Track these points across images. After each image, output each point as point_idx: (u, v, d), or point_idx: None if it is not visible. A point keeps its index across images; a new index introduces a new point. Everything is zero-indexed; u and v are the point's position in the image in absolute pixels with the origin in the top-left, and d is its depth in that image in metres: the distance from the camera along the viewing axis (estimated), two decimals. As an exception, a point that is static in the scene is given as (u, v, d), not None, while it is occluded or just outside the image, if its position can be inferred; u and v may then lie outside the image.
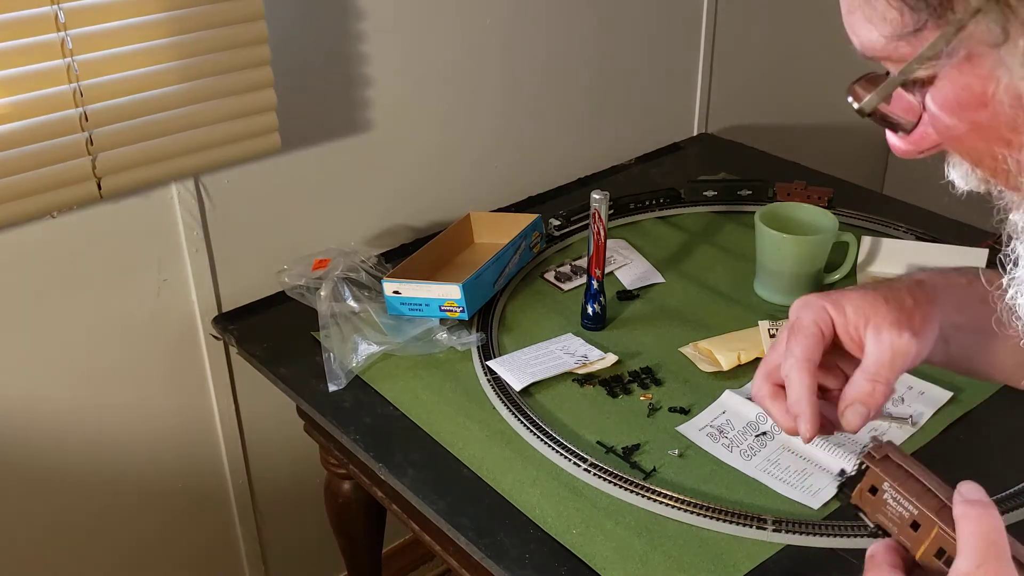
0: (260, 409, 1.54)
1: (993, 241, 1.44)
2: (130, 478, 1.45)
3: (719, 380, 1.21)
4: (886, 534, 0.62)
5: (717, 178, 1.69)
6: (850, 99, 0.56)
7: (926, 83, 0.52)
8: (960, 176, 0.57)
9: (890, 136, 0.57)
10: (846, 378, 0.72)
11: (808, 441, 0.70)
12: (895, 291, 0.71)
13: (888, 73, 0.54)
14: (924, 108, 0.53)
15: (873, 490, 0.62)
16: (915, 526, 0.60)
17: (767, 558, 0.95)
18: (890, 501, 0.61)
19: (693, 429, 1.13)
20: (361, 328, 1.27)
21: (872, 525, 0.63)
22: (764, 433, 1.11)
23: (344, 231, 1.54)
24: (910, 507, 0.60)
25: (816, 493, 1.03)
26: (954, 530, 0.57)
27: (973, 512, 0.55)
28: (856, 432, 0.70)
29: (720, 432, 1.12)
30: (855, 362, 0.71)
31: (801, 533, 0.97)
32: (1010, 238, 0.59)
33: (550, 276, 1.44)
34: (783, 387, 0.72)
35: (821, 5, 2.20)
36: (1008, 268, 0.60)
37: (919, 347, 0.69)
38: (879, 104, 0.54)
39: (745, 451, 1.09)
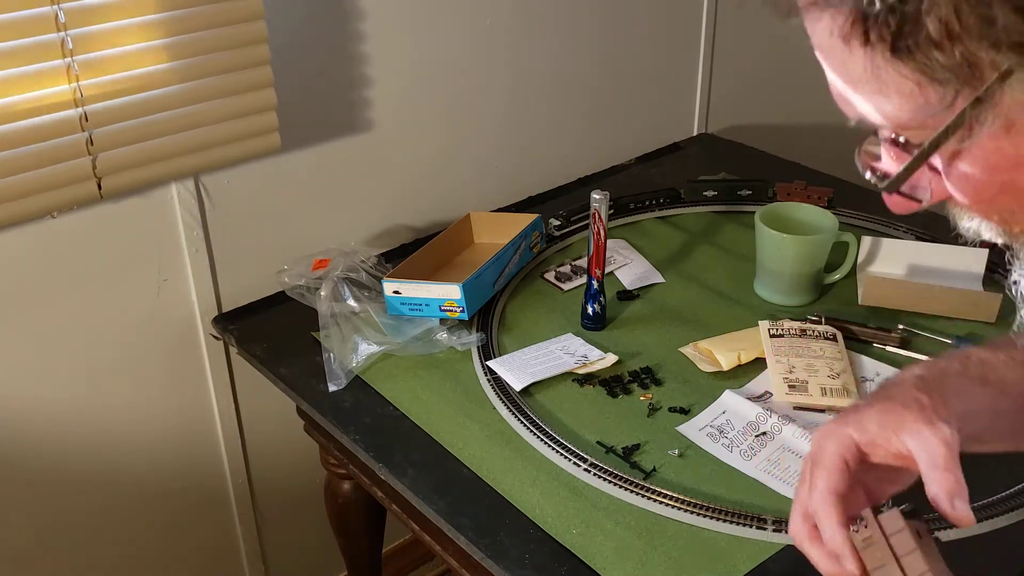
0: (260, 409, 1.54)
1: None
2: (130, 478, 1.45)
3: (719, 380, 1.21)
4: None
5: (717, 178, 1.69)
6: (868, 175, 0.51)
7: (954, 154, 0.46)
8: (973, 229, 0.54)
9: (888, 196, 0.52)
10: (867, 500, 0.69)
11: None
12: (906, 394, 0.69)
13: (877, 133, 0.49)
14: (944, 175, 0.48)
15: None
16: None
17: (767, 558, 0.95)
18: None
19: (693, 429, 1.13)
20: (361, 328, 1.27)
21: None
22: (764, 433, 1.11)
23: (344, 231, 1.54)
24: None
25: (816, 493, 1.03)
26: None
27: None
28: (974, 523, 0.65)
29: (720, 432, 1.12)
30: (887, 477, 0.69)
31: (801, 533, 0.97)
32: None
33: (550, 276, 1.44)
34: None
35: (821, 5, 2.21)
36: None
37: (957, 433, 0.67)
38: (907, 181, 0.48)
39: (745, 451, 1.09)
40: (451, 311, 1.28)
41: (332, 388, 1.21)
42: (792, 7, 0.46)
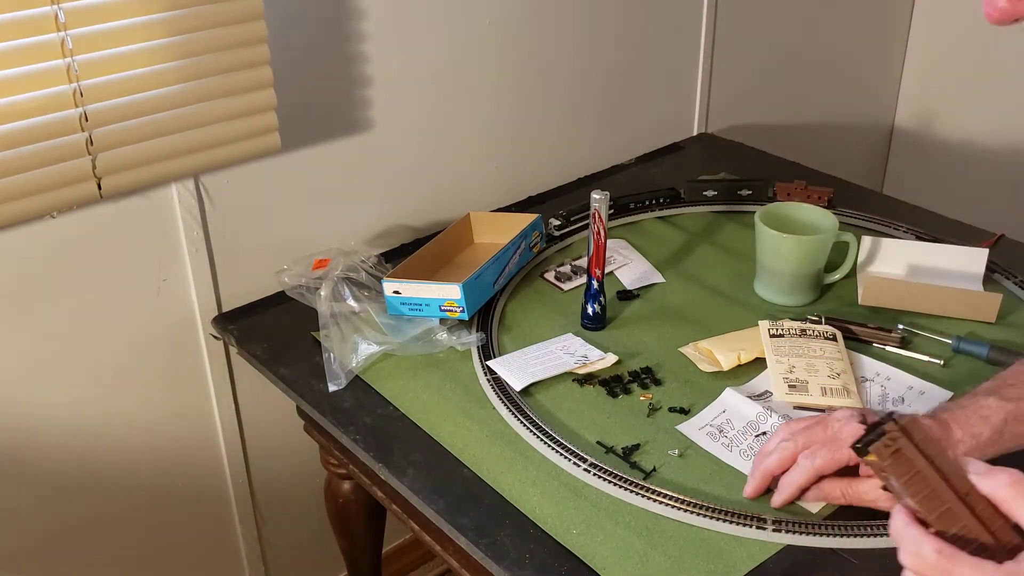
0: (260, 409, 1.54)
1: (993, 241, 1.44)
2: (129, 478, 1.45)
3: (719, 380, 1.21)
4: None
5: (717, 178, 1.69)
6: None
7: None
8: None
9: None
10: None
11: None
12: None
13: None
14: None
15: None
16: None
17: (767, 558, 0.95)
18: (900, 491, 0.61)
19: (693, 429, 1.13)
20: (361, 328, 1.27)
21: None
22: (764, 433, 1.11)
23: (344, 231, 1.54)
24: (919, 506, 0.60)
25: (816, 493, 1.03)
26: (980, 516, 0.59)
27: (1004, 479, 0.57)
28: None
29: (720, 432, 1.12)
30: None
31: (801, 533, 0.97)
32: None
33: (550, 276, 1.44)
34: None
35: (821, 5, 2.21)
36: None
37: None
38: None
39: (745, 451, 1.09)
40: (451, 311, 1.28)
41: (332, 388, 1.21)
42: None
